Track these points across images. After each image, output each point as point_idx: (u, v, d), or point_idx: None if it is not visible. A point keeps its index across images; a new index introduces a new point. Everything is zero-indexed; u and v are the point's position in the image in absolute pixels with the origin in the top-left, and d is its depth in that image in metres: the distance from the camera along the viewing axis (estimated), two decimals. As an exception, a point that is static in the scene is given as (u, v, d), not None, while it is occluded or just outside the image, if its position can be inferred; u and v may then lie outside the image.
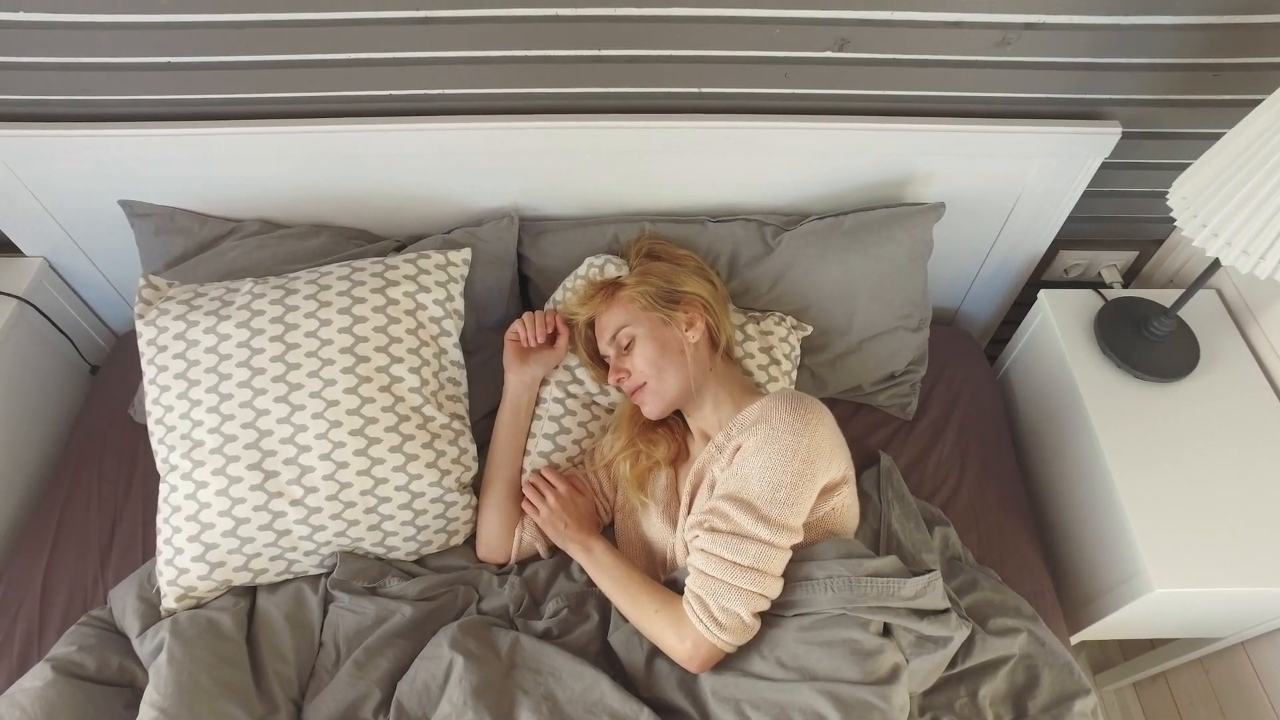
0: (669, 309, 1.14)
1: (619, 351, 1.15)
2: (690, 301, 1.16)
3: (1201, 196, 1.03)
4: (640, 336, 1.13)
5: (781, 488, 0.95)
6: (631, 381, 1.13)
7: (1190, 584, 1.09)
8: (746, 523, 0.95)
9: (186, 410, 1.09)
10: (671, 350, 1.12)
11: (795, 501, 0.96)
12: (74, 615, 1.15)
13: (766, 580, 0.95)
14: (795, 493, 0.96)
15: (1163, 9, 1.09)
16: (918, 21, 1.11)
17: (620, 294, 1.17)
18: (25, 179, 1.26)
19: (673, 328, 1.13)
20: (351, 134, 1.21)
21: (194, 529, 1.07)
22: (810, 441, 0.97)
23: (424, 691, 1.01)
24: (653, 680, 1.03)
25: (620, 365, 1.14)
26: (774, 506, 0.95)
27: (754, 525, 0.95)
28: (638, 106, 1.22)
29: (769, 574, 0.95)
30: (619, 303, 1.17)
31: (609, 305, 1.17)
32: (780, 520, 0.95)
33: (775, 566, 0.96)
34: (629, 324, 1.14)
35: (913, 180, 1.30)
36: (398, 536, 1.13)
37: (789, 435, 0.97)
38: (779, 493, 0.95)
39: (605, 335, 1.17)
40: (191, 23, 1.10)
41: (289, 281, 1.16)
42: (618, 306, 1.16)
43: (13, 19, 1.08)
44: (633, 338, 1.13)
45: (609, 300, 1.18)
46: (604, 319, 1.17)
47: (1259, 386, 1.28)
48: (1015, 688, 1.07)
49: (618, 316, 1.15)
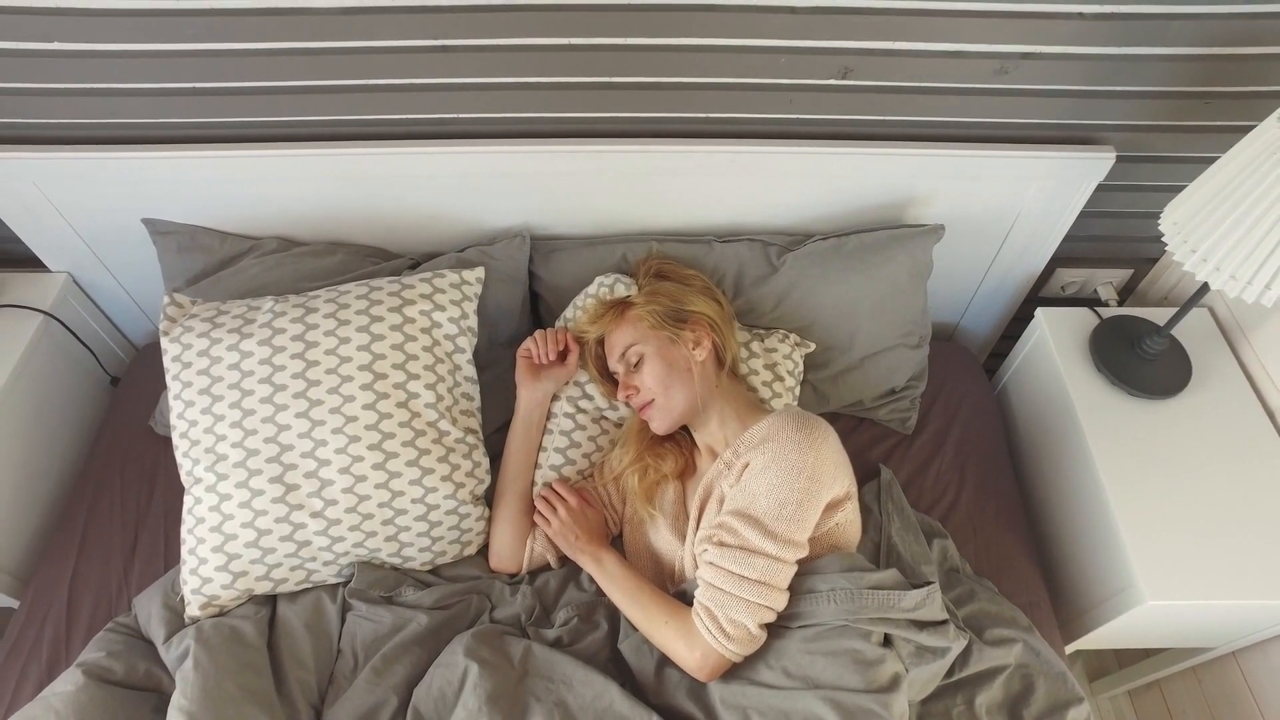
0: (676, 328, 1.18)
1: (628, 369, 1.18)
2: (697, 320, 1.20)
3: (1192, 223, 1.07)
4: (648, 354, 1.16)
5: (788, 504, 0.99)
6: (640, 398, 1.17)
7: (1181, 596, 1.13)
8: (754, 538, 0.99)
9: (210, 425, 1.13)
10: (679, 368, 1.15)
11: (801, 518, 1.00)
12: (99, 621, 1.18)
13: (773, 593, 0.99)
14: (801, 509, 1.00)
15: (1155, 40, 1.13)
16: (918, 51, 1.15)
17: (629, 313, 1.21)
18: (53, 198, 1.30)
19: (680, 346, 1.17)
20: (369, 156, 1.24)
21: (218, 539, 1.11)
22: (816, 459, 1.01)
23: (440, 698, 1.04)
24: (662, 688, 1.06)
25: (629, 382, 1.18)
26: (780, 522, 0.99)
27: (761, 540, 0.98)
28: (647, 131, 1.26)
29: (775, 587, 0.99)
30: (628, 321, 1.20)
31: (618, 324, 1.21)
32: (786, 536, 0.99)
33: (781, 580, 1.00)
34: (637, 342, 1.17)
35: (913, 202, 1.34)
36: (413, 547, 1.17)
37: (795, 453, 1.01)
38: (785, 509, 0.99)
39: (615, 353, 1.20)
40: (215, 50, 1.14)
41: (309, 300, 1.20)
42: (626, 325, 1.20)
43: (45, 48, 1.12)
44: (641, 356, 1.17)
45: (618, 319, 1.21)
46: (613, 337, 1.21)
47: (1249, 404, 1.31)
48: (1011, 696, 1.11)
49: (626, 335, 1.19)
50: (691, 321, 1.19)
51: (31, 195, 1.29)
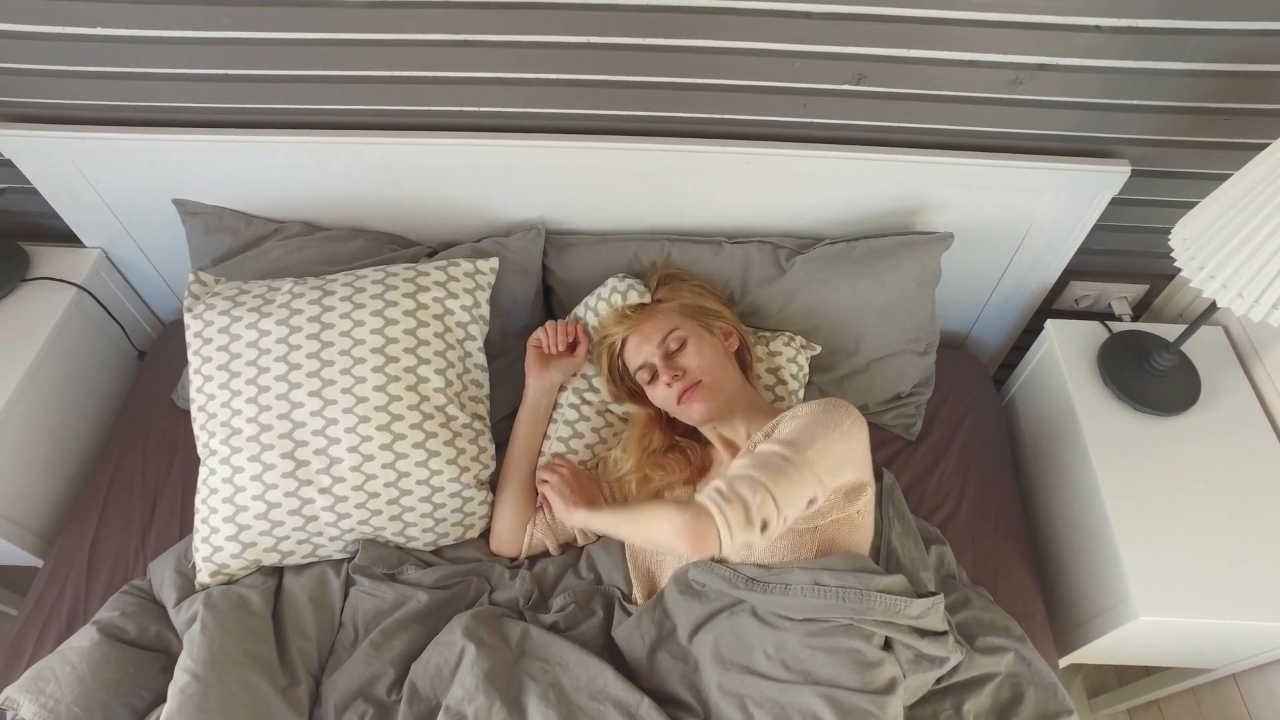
0: (707, 320, 1.22)
1: (667, 354, 1.17)
2: (722, 317, 1.24)
3: (1201, 239, 1.06)
4: (692, 337, 1.18)
5: (813, 434, 0.99)
6: (686, 380, 1.14)
7: (1174, 614, 1.12)
8: (773, 445, 0.99)
9: (227, 400, 1.17)
10: (721, 351, 1.19)
11: (823, 451, 0.97)
12: (117, 584, 1.23)
13: (781, 483, 0.94)
14: (824, 444, 0.98)
15: (1173, 55, 1.13)
16: (933, 59, 1.16)
17: (660, 306, 1.23)
18: (90, 177, 1.35)
19: (715, 336, 1.20)
20: (391, 145, 1.28)
21: (229, 510, 1.15)
22: (844, 418, 1.02)
23: (436, 675, 1.07)
24: (655, 673, 1.07)
25: (673, 365, 1.16)
26: (803, 441, 0.98)
27: (779, 446, 0.98)
28: (662, 130, 1.28)
29: (785, 479, 0.94)
30: (662, 313, 1.22)
31: (650, 316, 1.21)
32: (804, 449, 0.97)
33: (792, 482, 0.94)
34: (678, 327, 1.19)
35: (925, 209, 1.34)
36: (417, 527, 1.20)
37: (823, 411, 1.03)
38: (807, 433, 0.99)
39: (652, 341, 1.18)
40: (248, 39, 1.18)
41: (327, 283, 1.24)
42: (661, 316, 1.21)
43: (89, 33, 1.17)
44: (684, 340, 1.17)
45: (649, 314, 1.22)
46: (647, 327, 1.20)
47: (1258, 425, 1.30)
48: (1000, 704, 1.11)
49: (664, 322, 1.19)
50: (717, 318, 1.23)
51: (70, 173, 1.34)
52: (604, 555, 1.23)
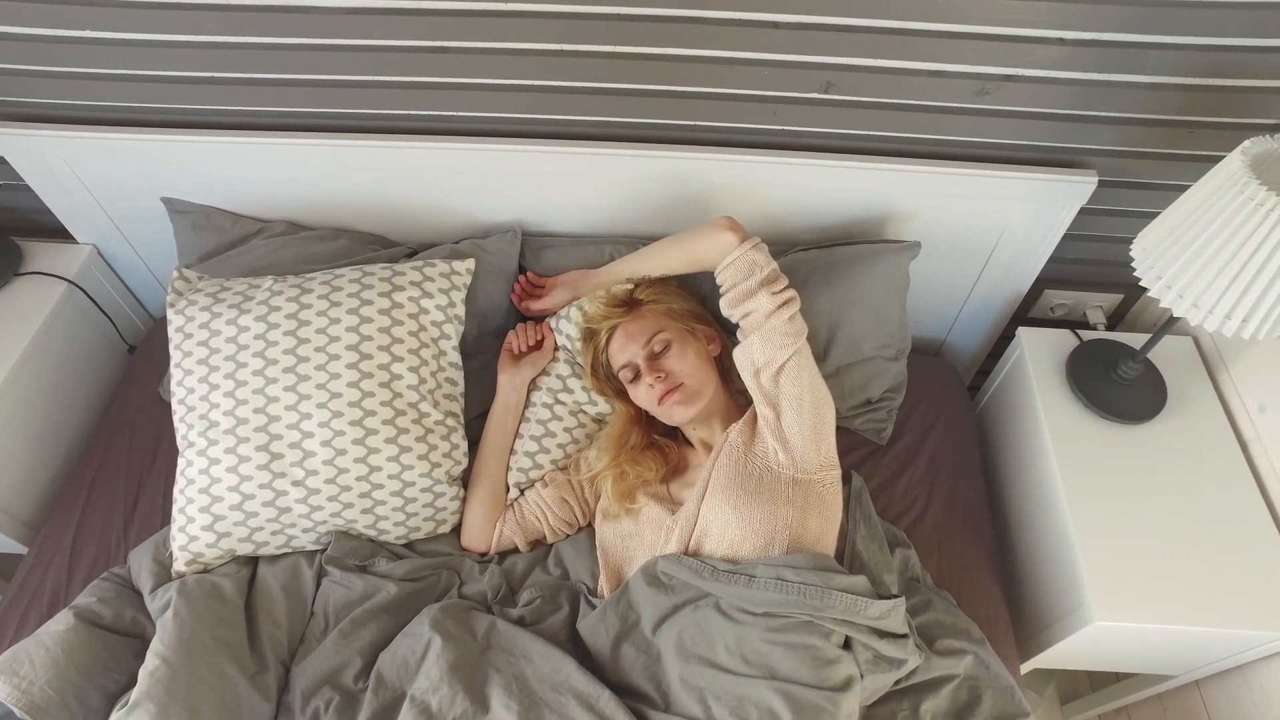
0: (691, 324, 1.24)
1: (650, 356, 1.19)
2: (705, 321, 1.26)
3: (1158, 250, 1.08)
4: (676, 340, 1.20)
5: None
6: (669, 382, 1.17)
7: (1129, 619, 1.13)
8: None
9: (206, 393, 1.20)
10: (704, 355, 1.21)
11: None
12: (98, 571, 1.26)
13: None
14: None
15: (1135, 68, 1.15)
16: (900, 69, 1.18)
17: (645, 307, 1.24)
18: (81, 174, 1.39)
19: (698, 339, 1.22)
20: (371, 149, 1.31)
21: (205, 501, 1.18)
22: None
23: (403, 665, 1.09)
24: (618, 666, 1.10)
25: (657, 366, 1.18)
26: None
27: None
28: (635, 136, 1.31)
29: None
30: (647, 313, 1.23)
31: (636, 316, 1.23)
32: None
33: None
34: (663, 329, 1.20)
35: (895, 217, 1.36)
36: (389, 521, 1.23)
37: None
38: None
39: (637, 341, 1.20)
40: (233, 43, 1.21)
41: (305, 282, 1.27)
42: (646, 317, 1.22)
43: (80, 35, 1.21)
44: (668, 342, 1.19)
45: (635, 312, 1.23)
46: (632, 327, 1.22)
47: (1222, 433, 1.31)
48: (957, 706, 1.12)
49: (650, 324, 1.21)
50: (701, 322, 1.26)
51: (62, 171, 1.38)
52: (571, 551, 1.26)
